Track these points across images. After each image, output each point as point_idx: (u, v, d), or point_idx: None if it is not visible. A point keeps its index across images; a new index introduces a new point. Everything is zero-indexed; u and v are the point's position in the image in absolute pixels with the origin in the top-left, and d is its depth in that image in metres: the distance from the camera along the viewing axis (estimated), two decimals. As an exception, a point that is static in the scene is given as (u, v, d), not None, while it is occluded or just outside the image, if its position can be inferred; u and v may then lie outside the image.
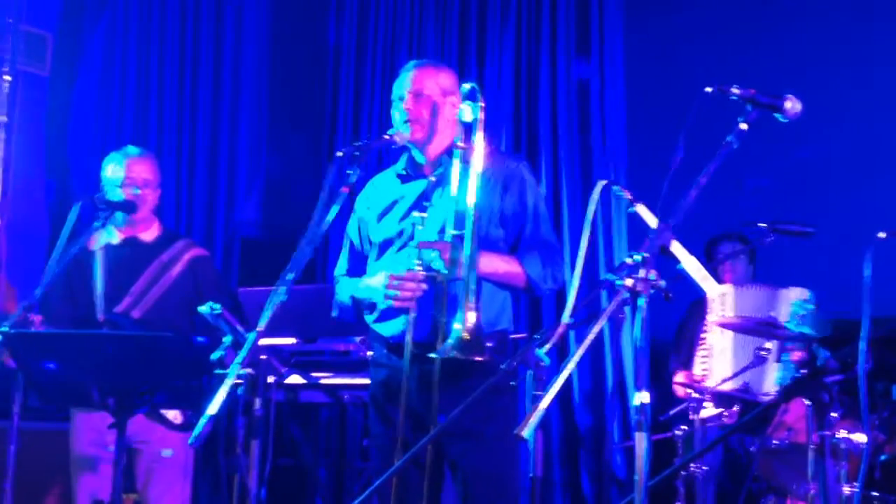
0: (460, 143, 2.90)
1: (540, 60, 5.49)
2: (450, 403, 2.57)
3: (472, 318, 2.65)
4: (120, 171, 3.74)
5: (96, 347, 3.03)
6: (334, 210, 2.69)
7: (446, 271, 2.80)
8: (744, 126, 2.18)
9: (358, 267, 3.16)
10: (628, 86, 5.37)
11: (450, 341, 2.66)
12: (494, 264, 2.90)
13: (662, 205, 2.13)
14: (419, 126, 2.99)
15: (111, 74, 5.60)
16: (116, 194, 3.71)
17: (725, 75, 2.32)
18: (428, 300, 2.87)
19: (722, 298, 4.50)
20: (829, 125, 4.93)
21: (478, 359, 2.64)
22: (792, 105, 2.19)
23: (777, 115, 2.21)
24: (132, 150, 3.85)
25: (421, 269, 2.84)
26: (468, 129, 2.89)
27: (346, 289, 3.12)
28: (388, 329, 2.99)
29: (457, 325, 2.65)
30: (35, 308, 3.42)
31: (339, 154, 2.84)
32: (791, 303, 4.37)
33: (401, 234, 3.02)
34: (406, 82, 3.02)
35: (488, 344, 2.79)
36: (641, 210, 2.49)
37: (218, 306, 2.68)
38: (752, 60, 5.20)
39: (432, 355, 2.77)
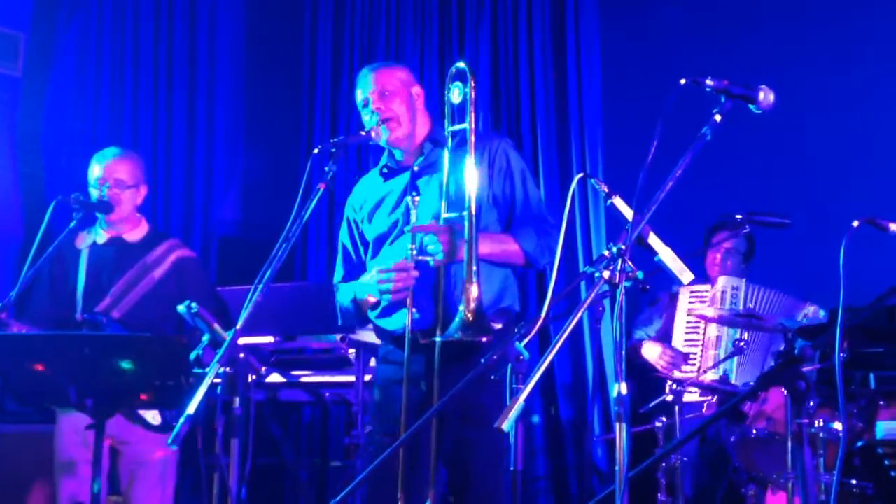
0: (450, 128, 2.88)
1: (518, 55, 5.50)
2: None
3: (474, 299, 2.63)
4: (95, 172, 3.76)
5: (73, 348, 3.01)
6: (311, 207, 2.69)
7: (442, 255, 2.80)
8: (718, 117, 2.19)
9: (353, 273, 3.15)
10: (605, 79, 5.39)
11: (455, 322, 2.65)
12: (489, 245, 2.90)
13: (639, 197, 2.14)
14: (395, 123, 3.00)
15: (85, 74, 5.55)
16: (92, 194, 3.72)
17: (702, 67, 2.33)
18: (427, 288, 2.87)
19: (734, 292, 4.52)
20: (807, 116, 4.96)
21: (483, 339, 2.62)
22: (765, 96, 2.20)
23: (751, 106, 2.22)
24: (110, 150, 3.86)
25: (415, 253, 2.83)
26: (458, 111, 2.87)
27: (345, 293, 3.12)
28: (392, 323, 2.98)
29: (461, 307, 2.64)
30: (10, 309, 3.40)
31: (316, 151, 2.84)
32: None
33: (394, 226, 3.03)
34: (367, 86, 3.03)
35: (497, 326, 2.80)
36: (618, 202, 2.49)
37: (195, 305, 2.67)
38: (729, 52, 5.22)
39: (436, 339, 2.76)
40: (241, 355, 2.52)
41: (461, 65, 2.89)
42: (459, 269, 2.77)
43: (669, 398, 4.16)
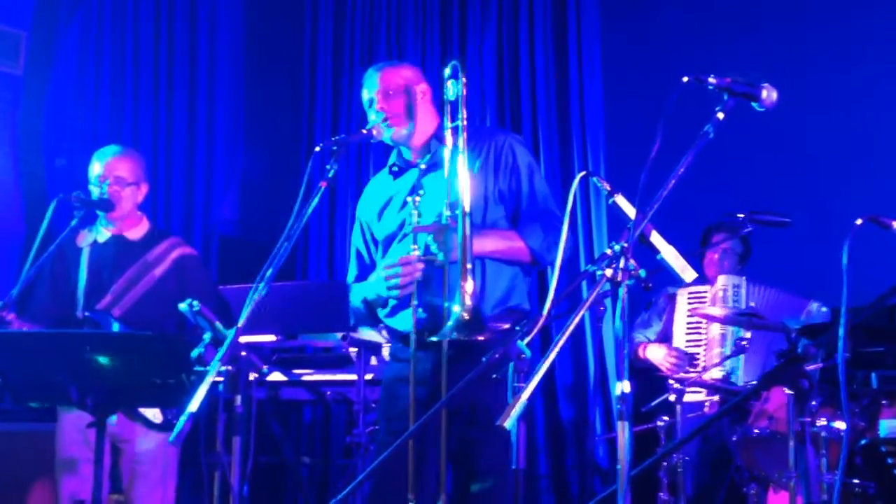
0: (449, 125, 2.87)
1: (520, 55, 5.50)
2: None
3: (469, 298, 2.63)
4: (96, 169, 3.76)
5: (74, 346, 3.01)
6: (313, 205, 2.68)
7: (443, 255, 2.79)
8: (721, 115, 2.18)
9: (366, 273, 3.15)
10: (606, 78, 5.39)
11: (449, 323, 2.64)
12: (493, 243, 2.89)
13: (641, 195, 2.13)
14: (398, 121, 3.00)
15: (86, 73, 5.55)
16: (93, 192, 3.72)
17: (703, 67, 2.32)
18: (433, 287, 2.86)
19: (735, 290, 4.51)
20: (808, 115, 4.96)
21: (479, 338, 2.61)
22: (768, 94, 2.19)
23: (754, 104, 2.21)
24: (111, 148, 3.86)
25: (419, 254, 2.82)
26: (453, 107, 2.87)
27: (357, 294, 3.12)
28: (400, 323, 2.97)
29: (455, 308, 2.64)
30: (11, 307, 3.40)
31: (317, 149, 2.83)
32: None
33: (402, 225, 3.02)
34: (372, 86, 3.04)
35: (505, 326, 2.79)
36: (620, 201, 2.48)
37: (196, 303, 2.67)
38: (729, 52, 5.23)
39: (433, 339, 2.75)
40: (243, 353, 2.52)
41: (454, 62, 2.89)
42: (458, 268, 2.75)
43: (672, 398, 4.15)
